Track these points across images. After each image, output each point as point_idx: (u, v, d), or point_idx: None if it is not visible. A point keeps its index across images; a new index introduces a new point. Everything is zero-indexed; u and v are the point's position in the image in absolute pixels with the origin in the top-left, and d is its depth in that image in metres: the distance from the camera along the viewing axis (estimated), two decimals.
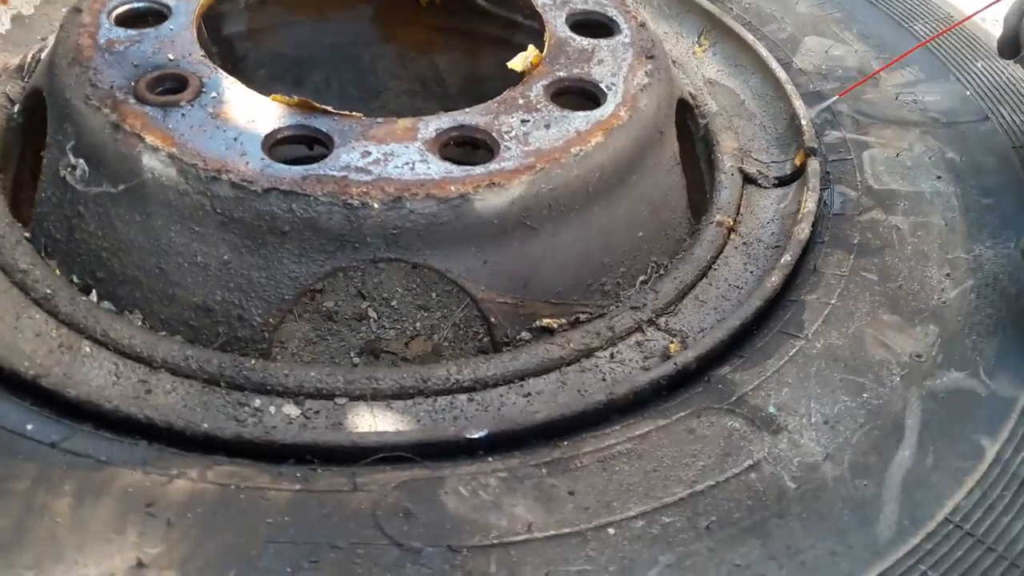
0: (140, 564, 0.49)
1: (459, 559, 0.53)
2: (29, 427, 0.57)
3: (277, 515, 0.54)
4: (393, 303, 0.91)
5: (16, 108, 0.86)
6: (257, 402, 0.64)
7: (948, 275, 0.79)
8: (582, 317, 0.75)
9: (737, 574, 0.54)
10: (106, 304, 0.70)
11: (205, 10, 0.86)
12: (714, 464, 0.61)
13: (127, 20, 0.82)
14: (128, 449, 0.57)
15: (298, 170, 0.69)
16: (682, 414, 0.65)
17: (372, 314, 0.87)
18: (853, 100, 0.99)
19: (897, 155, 0.92)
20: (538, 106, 0.79)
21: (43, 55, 0.88)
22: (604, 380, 0.70)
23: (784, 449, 0.63)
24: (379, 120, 0.75)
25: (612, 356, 0.72)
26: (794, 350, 0.71)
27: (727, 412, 0.65)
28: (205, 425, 0.60)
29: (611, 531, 0.55)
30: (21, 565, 0.49)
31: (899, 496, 0.60)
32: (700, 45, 1.08)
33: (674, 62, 0.99)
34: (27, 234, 0.75)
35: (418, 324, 0.87)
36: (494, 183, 0.71)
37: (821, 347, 0.72)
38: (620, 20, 0.90)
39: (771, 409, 0.66)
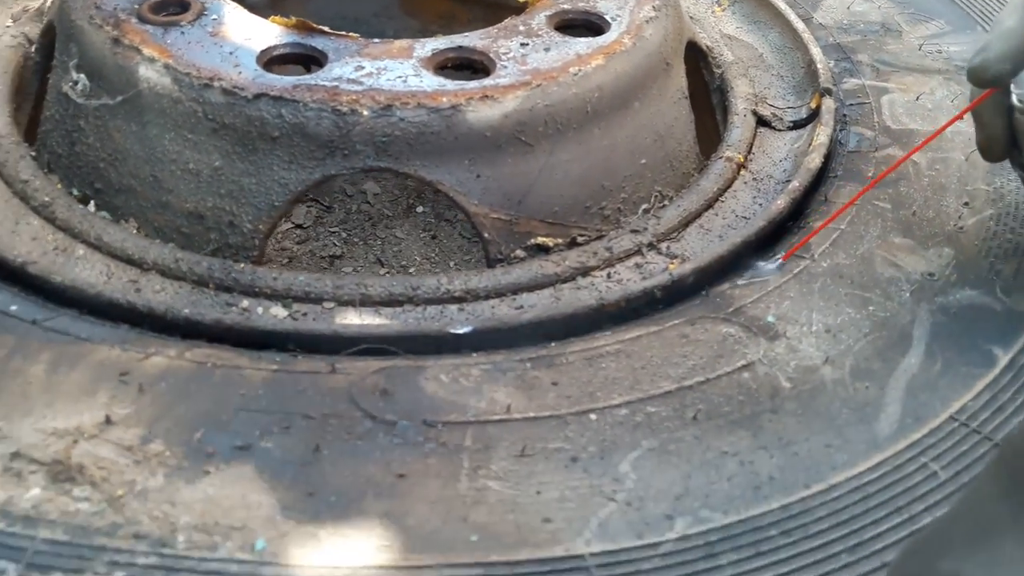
0: (108, 421, 0.49)
1: (433, 432, 0.51)
2: (13, 308, 0.57)
3: (251, 389, 0.53)
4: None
5: (33, 47, 0.88)
6: (245, 303, 0.64)
7: (966, 204, 0.76)
8: (580, 239, 0.73)
9: (723, 460, 0.51)
10: (103, 214, 0.71)
11: None
12: (705, 364, 0.59)
13: None
14: (108, 330, 0.57)
15: (289, 80, 0.69)
16: (675, 322, 0.63)
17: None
18: (874, 50, 0.97)
19: (917, 98, 0.90)
20: (539, 32, 0.78)
21: None
22: (599, 296, 0.68)
23: (781, 353, 0.60)
24: (376, 40, 0.75)
25: (609, 276, 0.70)
26: (798, 268, 0.69)
27: (723, 320, 0.63)
28: (186, 311, 0.59)
29: (592, 416, 0.53)
30: None
31: (902, 398, 0.57)
32: (719, 4, 1.07)
33: (692, 18, 0.98)
34: (32, 152, 0.76)
35: None
36: (487, 96, 0.70)
37: (827, 266, 0.69)
38: None
39: (769, 318, 0.63)
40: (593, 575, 0.44)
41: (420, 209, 0.81)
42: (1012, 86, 0.63)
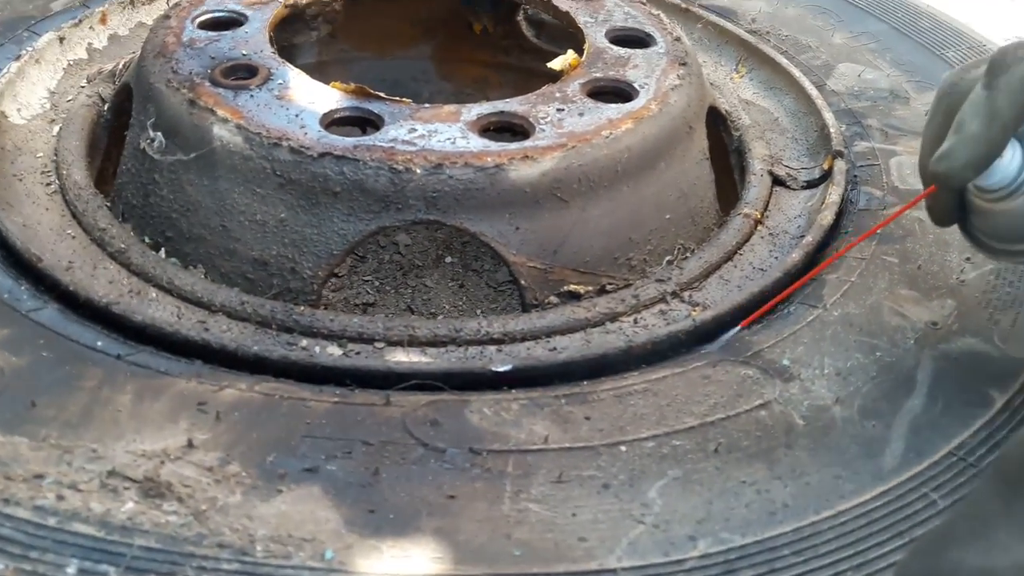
0: (190, 444, 0.55)
1: (479, 459, 0.56)
2: (99, 343, 0.64)
3: (315, 418, 0.59)
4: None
5: (106, 106, 0.97)
6: (304, 342, 0.70)
7: (968, 259, 0.81)
8: (608, 287, 0.79)
9: (742, 489, 0.56)
10: (173, 260, 0.78)
11: (278, 20, 0.96)
12: (726, 402, 0.64)
13: (208, 25, 0.92)
14: (184, 365, 0.63)
15: (350, 140, 0.77)
16: (698, 364, 0.68)
17: None
18: (883, 115, 1.04)
19: None
20: (574, 99, 0.85)
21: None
22: (628, 339, 0.74)
23: (795, 393, 0.65)
24: (426, 105, 0.82)
25: (635, 321, 0.76)
26: (811, 317, 0.74)
27: (742, 363, 0.68)
28: (255, 348, 0.66)
29: (623, 448, 0.59)
30: (87, 439, 0.54)
31: (906, 435, 0.62)
32: (738, 72, 1.14)
33: (712, 84, 1.05)
34: (107, 203, 0.83)
35: None
36: (527, 156, 0.77)
37: (838, 315, 0.74)
38: (656, 35, 0.97)
39: (785, 362, 0.69)
40: None
41: (449, 260, 0.87)
42: None
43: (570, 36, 1.17)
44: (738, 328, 0.71)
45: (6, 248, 0.73)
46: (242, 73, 0.84)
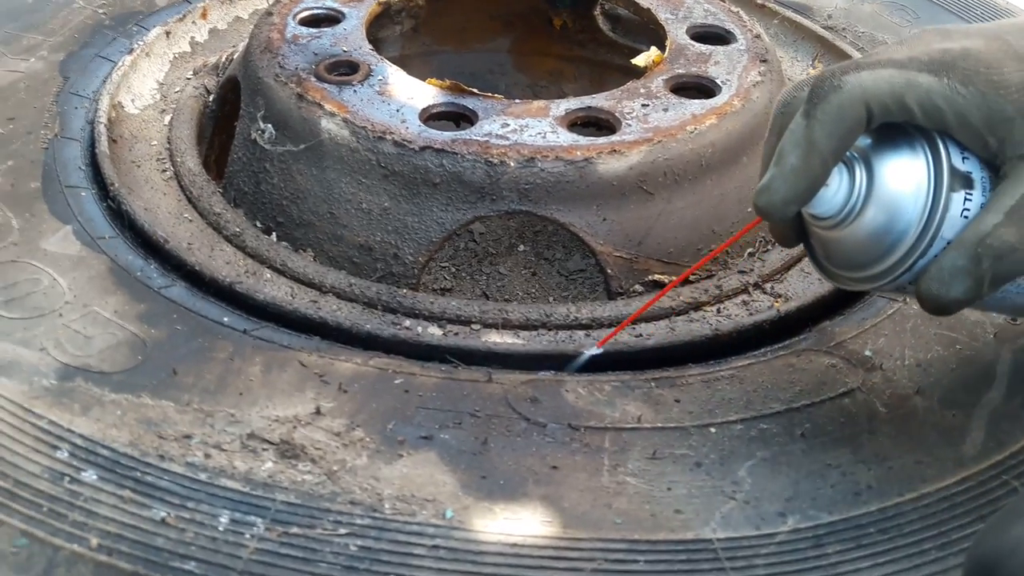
0: (318, 411, 0.60)
1: (577, 434, 0.61)
2: (225, 319, 0.69)
3: (425, 392, 0.64)
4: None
5: (211, 97, 1.03)
6: (407, 323, 0.75)
7: None
8: (692, 277, 0.83)
9: (828, 471, 0.60)
10: (284, 244, 0.83)
11: (372, 17, 1.01)
12: (811, 389, 0.67)
13: (308, 21, 0.97)
14: (304, 340, 0.68)
15: (449, 134, 0.81)
16: (783, 353, 0.72)
17: None
18: None
19: None
20: (657, 95, 0.88)
21: (236, 54, 1.05)
22: (710, 328, 0.77)
23: (878, 383, 0.68)
24: (517, 101, 0.86)
25: (719, 311, 0.80)
26: (893, 309, 0.77)
27: (825, 353, 0.71)
28: (367, 326, 0.71)
29: (712, 430, 0.62)
30: (225, 404, 0.60)
31: (986, 425, 0.64)
32: (814, 68, 1.16)
33: (790, 80, 1.07)
34: (219, 189, 0.89)
35: None
36: (615, 150, 0.81)
37: (918, 309, 0.77)
38: (736, 32, 1.00)
39: (867, 352, 0.72)
40: (720, 556, 0.53)
41: (521, 248, 0.91)
42: None
43: (645, 30, 1.20)
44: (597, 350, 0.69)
45: (134, 230, 0.79)
46: (344, 69, 0.89)
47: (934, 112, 0.54)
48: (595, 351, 0.69)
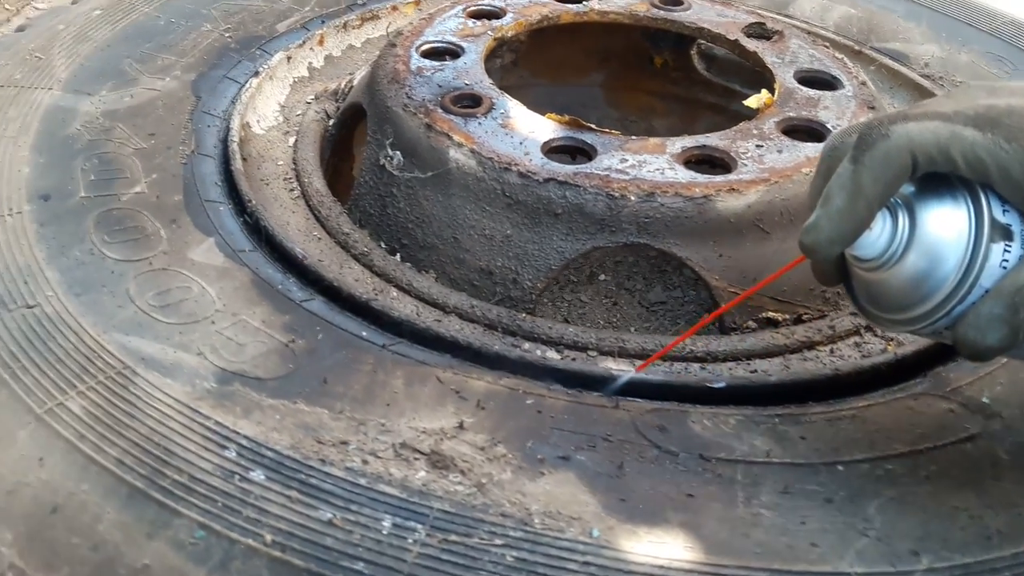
0: (461, 426, 0.63)
1: (709, 465, 0.62)
2: (364, 333, 0.72)
3: (557, 413, 0.66)
4: None
5: (331, 122, 1.07)
6: (526, 345, 0.78)
7: None
8: (804, 316, 0.84)
9: (956, 513, 0.61)
10: (408, 265, 0.87)
11: (488, 52, 1.05)
12: (932, 433, 0.68)
13: (429, 54, 1.02)
14: (437, 357, 0.71)
15: (571, 167, 0.84)
16: (901, 396, 0.73)
17: None
18: None
19: None
20: (771, 136, 0.91)
21: (355, 82, 1.10)
22: (823, 367, 0.78)
23: (998, 430, 0.69)
24: (634, 137, 0.89)
25: (832, 351, 0.81)
26: (1006, 359, 0.78)
27: (943, 398, 0.72)
28: (496, 347, 0.74)
29: (840, 468, 0.64)
30: (375, 414, 0.63)
31: None
32: None
33: None
34: (344, 210, 0.93)
35: None
36: (733, 188, 0.83)
37: None
38: (843, 78, 1.02)
39: (984, 399, 0.72)
40: None
41: (602, 277, 0.93)
42: None
43: (739, 71, 1.23)
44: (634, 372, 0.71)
45: (271, 244, 0.83)
46: (467, 102, 0.93)
47: (977, 164, 0.56)
48: (633, 374, 0.71)
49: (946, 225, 0.58)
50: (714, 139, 0.90)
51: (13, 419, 0.60)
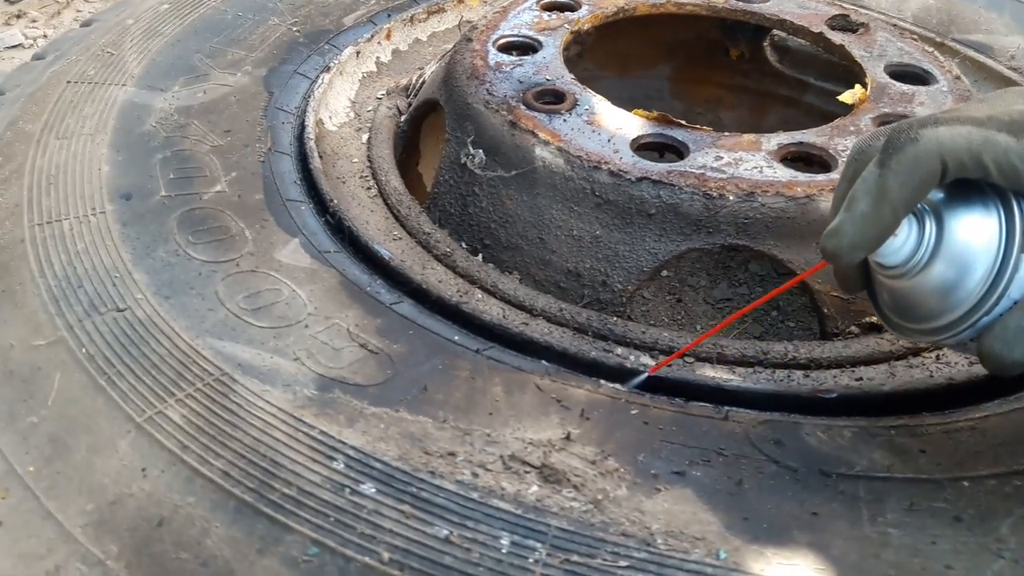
0: (568, 437, 0.60)
1: (830, 481, 0.59)
2: (456, 337, 0.70)
3: (664, 424, 0.63)
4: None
5: (403, 118, 1.05)
6: (619, 351, 0.75)
7: None
8: None
9: None
10: (490, 265, 0.84)
11: (567, 45, 1.02)
12: None
13: (506, 48, 0.99)
14: (533, 363, 0.69)
15: (664, 165, 0.81)
16: (1018, 407, 0.69)
17: None
18: None
19: None
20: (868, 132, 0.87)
21: (426, 77, 1.07)
22: (931, 376, 0.75)
23: None
24: (726, 133, 0.86)
25: (938, 358, 0.77)
26: None
27: None
28: (592, 353, 0.71)
29: (965, 484, 0.60)
30: (478, 423, 0.61)
31: None
32: None
33: None
34: (423, 209, 0.91)
35: None
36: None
37: None
38: (935, 72, 0.98)
39: None
40: None
41: (665, 273, 0.90)
42: None
43: (813, 63, 1.19)
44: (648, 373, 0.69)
45: (356, 245, 0.81)
46: (550, 98, 0.90)
47: (1010, 171, 0.53)
48: (651, 372, 0.68)
49: (975, 233, 0.55)
50: (811, 136, 0.86)
51: (113, 427, 0.59)
